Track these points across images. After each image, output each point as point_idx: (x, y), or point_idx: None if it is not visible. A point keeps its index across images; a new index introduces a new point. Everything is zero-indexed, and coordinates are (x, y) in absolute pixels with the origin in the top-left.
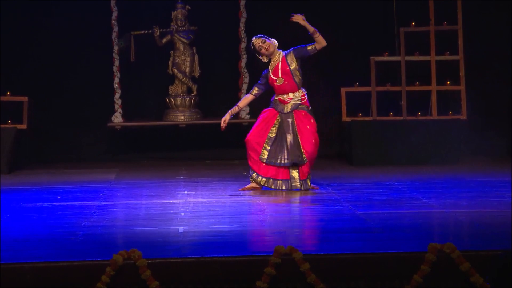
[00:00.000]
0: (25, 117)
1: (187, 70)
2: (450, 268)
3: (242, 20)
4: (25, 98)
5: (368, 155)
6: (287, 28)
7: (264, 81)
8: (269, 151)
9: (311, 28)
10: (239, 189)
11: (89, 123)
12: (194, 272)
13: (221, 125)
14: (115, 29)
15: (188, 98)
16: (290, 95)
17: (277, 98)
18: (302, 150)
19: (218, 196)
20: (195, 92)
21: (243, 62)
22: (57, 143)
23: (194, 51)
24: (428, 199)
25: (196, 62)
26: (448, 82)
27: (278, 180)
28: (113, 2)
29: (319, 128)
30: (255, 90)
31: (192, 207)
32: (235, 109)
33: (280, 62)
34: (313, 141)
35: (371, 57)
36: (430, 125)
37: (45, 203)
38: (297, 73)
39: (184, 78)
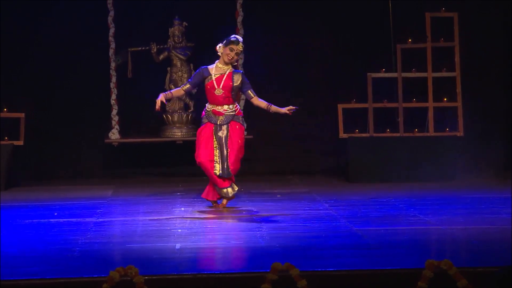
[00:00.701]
0: (22, 134)
1: None
2: (447, 285)
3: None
4: (22, 115)
5: (365, 171)
6: (284, 43)
7: (197, 79)
8: (219, 164)
9: (274, 110)
10: (219, 204)
11: (86, 139)
12: None
13: (157, 106)
14: (112, 45)
15: (185, 115)
16: (225, 107)
17: (210, 109)
18: (228, 164)
19: (215, 212)
20: (192, 109)
21: None
22: (54, 160)
23: (191, 67)
24: (425, 216)
25: None
26: (445, 99)
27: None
28: (110, 19)
29: (316, 145)
30: (186, 87)
31: (189, 224)
32: (168, 94)
33: (225, 75)
34: (240, 156)
35: (368, 74)
36: (427, 141)
37: (42, 220)
38: (236, 90)
39: None
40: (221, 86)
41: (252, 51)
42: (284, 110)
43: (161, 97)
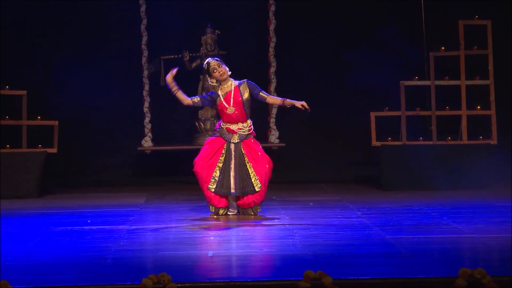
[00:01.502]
0: (56, 141)
1: None
2: None
3: (272, 44)
4: (56, 123)
5: (398, 179)
6: (316, 51)
7: (209, 99)
8: (217, 181)
9: (289, 104)
10: (209, 215)
11: (119, 147)
12: None
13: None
14: (145, 53)
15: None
16: (239, 125)
17: (224, 126)
18: (256, 178)
19: (247, 219)
20: None
21: (272, 86)
22: (86, 167)
23: None
24: (458, 224)
25: None
26: (479, 107)
27: (225, 208)
28: (143, 27)
29: (348, 153)
30: (196, 99)
31: (222, 231)
32: (178, 91)
33: (232, 91)
34: (267, 166)
35: (401, 82)
36: (460, 149)
37: (75, 227)
38: (248, 104)
39: None
40: (231, 104)
41: (284, 59)
42: (298, 103)
43: (174, 85)
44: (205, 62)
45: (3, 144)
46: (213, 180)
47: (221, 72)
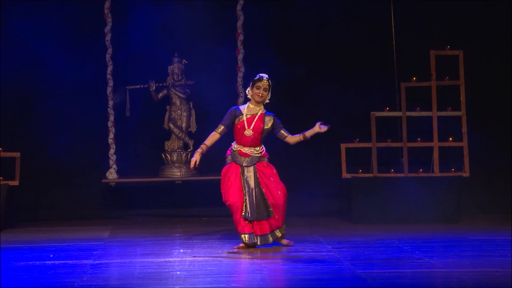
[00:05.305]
0: (18, 174)
1: (184, 125)
2: None
3: (240, 74)
4: (17, 154)
5: (369, 212)
6: (285, 81)
7: (230, 119)
8: (246, 207)
9: (309, 134)
10: (233, 247)
11: (83, 179)
12: None
13: (191, 166)
14: (110, 83)
15: (184, 154)
16: (252, 148)
17: (236, 150)
18: (267, 203)
19: (215, 254)
20: (191, 148)
21: None
22: (50, 200)
23: (191, 106)
24: (430, 258)
25: (193, 117)
26: (450, 138)
27: (249, 234)
28: (108, 56)
29: (319, 185)
30: (221, 129)
31: (188, 266)
32: (203, 147)
33: (257, 116)
34: (279, 192)
35: (372, 113)
36: (432, 182)
37: (37, 262)
38: (266, 133)
39: (180, 134)
40: (251, 127)
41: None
42: (317, 128)
43: (197, 156)
44: (259, 74)
45: None
46: (245, 206)
47: (260, 94)
